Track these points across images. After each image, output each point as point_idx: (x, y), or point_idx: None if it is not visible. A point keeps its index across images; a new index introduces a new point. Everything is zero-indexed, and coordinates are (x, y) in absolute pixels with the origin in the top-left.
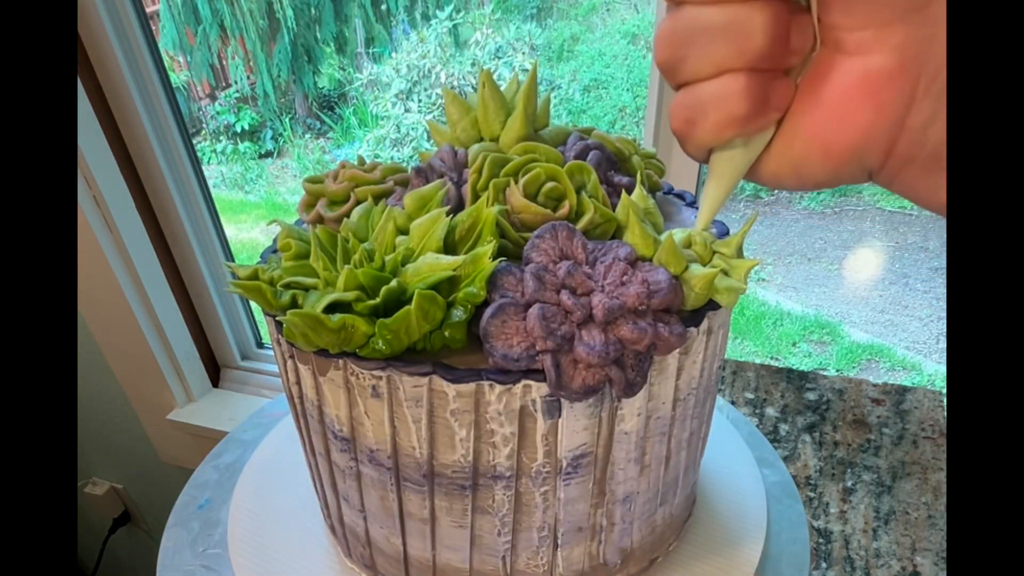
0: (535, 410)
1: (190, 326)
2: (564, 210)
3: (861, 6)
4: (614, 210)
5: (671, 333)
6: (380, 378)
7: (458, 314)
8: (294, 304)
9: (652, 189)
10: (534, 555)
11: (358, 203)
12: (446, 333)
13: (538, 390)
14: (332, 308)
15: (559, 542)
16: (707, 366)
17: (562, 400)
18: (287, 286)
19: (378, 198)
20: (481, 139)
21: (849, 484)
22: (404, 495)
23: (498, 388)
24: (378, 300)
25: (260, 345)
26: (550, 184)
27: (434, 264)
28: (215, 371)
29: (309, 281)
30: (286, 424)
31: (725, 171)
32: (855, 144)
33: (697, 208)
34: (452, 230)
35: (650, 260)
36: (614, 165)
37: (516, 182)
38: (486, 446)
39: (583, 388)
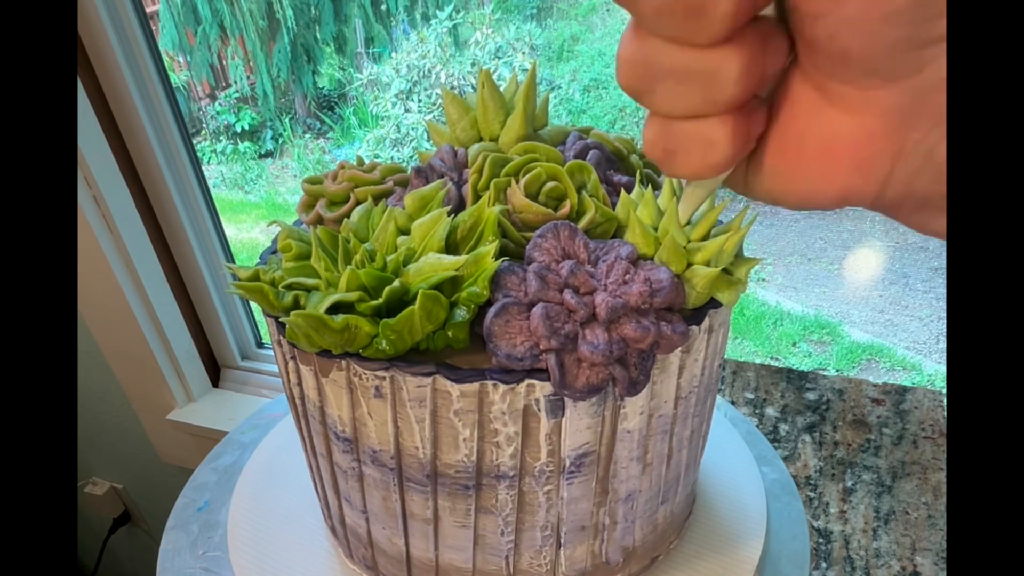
0: (539, 409)
1: (190, 326)
2: (565, 209)
3: (849, 70)
4: (614, 209)
5: (674, 331)
6: (383, 378)
7: (461, 314)
8: (296, 305)
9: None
10: (537, 554)
11: (357, 203)
12: (449, 333)
13: (542, 389)
14: (334, 309)
15: (562, 541)
16: (708, 364)
17: (565, 399)
18: (289, 287)
19: (378, 198)
20: (480, 139)
21: (849, 484)
22: (407, 495)
23: (502, 388)
24: (381, 300)
25: (260, 345)
26: (551, 184)
27: (436, 264)
28: (215, 371)
29: (311, 282)
30: (284, 425)
31: (699, 192)
32: (836, 198)
33: None
34: (453, 230)
35: (651, 259)
36: (613, 164)
37: (517, 182)
38: (489, 446)
39: (587, 387)
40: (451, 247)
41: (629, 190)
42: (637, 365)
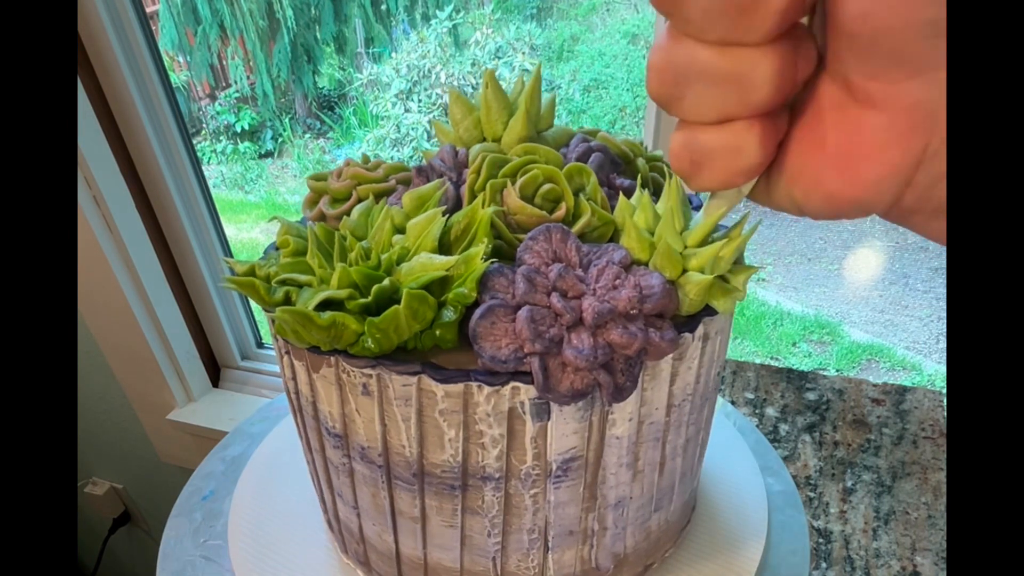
0: (524, 412)
1: (190, 326)
2: (560, 212)
3: (878, 58)
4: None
5: (662, 338)
6: (370, 376)
7: (448, 314)
8: (287, 301)
9: (656, 192)
10: (524, 557)
11: (360, 201)
12: (437, 333)
13: (527, 392)
14: (325, 305)
15: (550, 545)
16: (704, 372)
17: (551, 403)
18: (282, 283)
19: (379, 196)
20: (484, 139)
21: (849, 484)
22: (395, 493)
23: (486, 389)
24: (370, 299)
25: (260, 345)
26: (547, 186)
27: (427, 264)
28: (215, 371)
29: (303, 278)
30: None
31: (722, 204)
32: (859, 198)
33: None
34: (448, 230)
35: (646, 264)
36: (618, 167)
37: (513, 183)
38: (475, 447)
39: (571, 392)
40: (445, 247)
41: (629, 194)
42: (624, 371)
